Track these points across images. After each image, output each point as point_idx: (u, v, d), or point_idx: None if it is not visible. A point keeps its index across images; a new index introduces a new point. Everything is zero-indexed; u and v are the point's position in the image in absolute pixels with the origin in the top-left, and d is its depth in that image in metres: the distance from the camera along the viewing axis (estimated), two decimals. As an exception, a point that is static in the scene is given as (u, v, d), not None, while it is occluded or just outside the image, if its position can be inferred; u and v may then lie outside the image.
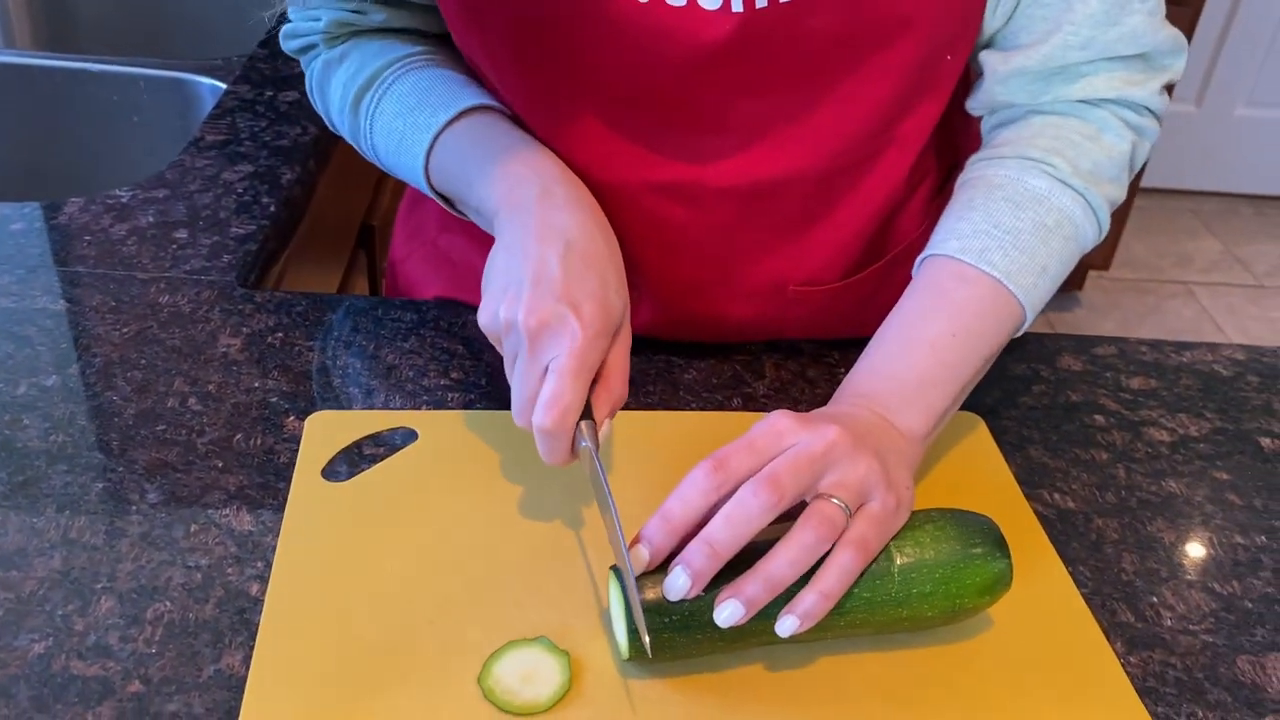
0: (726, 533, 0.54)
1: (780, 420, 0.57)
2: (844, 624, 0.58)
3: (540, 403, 0.59)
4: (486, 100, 0.72)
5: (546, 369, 0.60)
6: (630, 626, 0.55)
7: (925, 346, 0.65)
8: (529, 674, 0.57)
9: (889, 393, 0.64)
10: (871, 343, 0.68)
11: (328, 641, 0.58)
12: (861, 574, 0.56)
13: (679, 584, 0.53)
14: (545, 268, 0.62)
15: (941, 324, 0.66)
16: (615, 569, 0.58)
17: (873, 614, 0.58)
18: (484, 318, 0.63)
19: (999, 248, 0.67)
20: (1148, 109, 0.72)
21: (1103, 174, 0.70)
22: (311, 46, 0.79)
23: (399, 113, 0.73)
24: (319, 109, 0.82)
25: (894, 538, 0.58)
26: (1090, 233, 0.70)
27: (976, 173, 0.71)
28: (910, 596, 0.58)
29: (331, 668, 0.57)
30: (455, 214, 0.76)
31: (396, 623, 0.59)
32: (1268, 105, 3.04)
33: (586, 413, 0.61)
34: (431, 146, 0.71)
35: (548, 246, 0.63)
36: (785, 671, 0.59)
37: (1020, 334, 0.70)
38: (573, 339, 0.59)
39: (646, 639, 0.54)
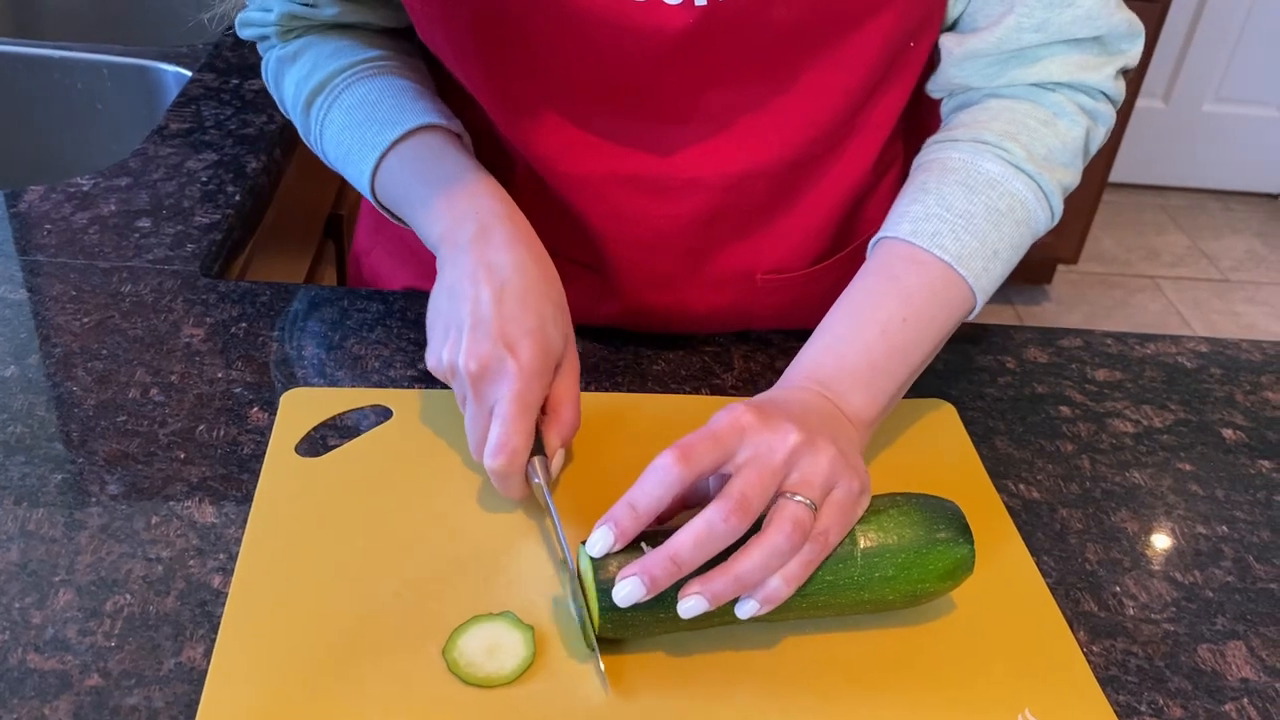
0: (693, 553, 0.54)
1: (741, 415, 0.57)
2: (806, 605, 0.58)
3: (489, 448, 0.61)
4: (433, 118, 0.71)
5: (493, 411, 0.62)
6: (600, 604, 0.55)
7: (876, 330, 0.65)
8: (493, 647, 0.57)
9: (839, 377, 0.64)
10: (822, 324, 0.67)
11: (294, 614, 0.58)
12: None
13: (634, 592, 0.53)
14: (481, 309, 0.63)
15: (893, 308, 0.66)
16: (582, 545, 0.58)
17: (835, 596, 0.58)
18: (430, 362, 0.65)
19: (951, 231, 0.67)
20: (1103, 94, 0.72)
21: (1056, 159, 0.70)
22: (266, 37, 0.78)
23: (346, 125, 0.72)
24: (275, 98, 0.81)
25: (859, 521, 0.58)
26: (1042, 218, 0.71)
27: (932, 155, 0.71)
28: (873, 580, 0.58)
29: (297, 640, 0.57)
30: (406, 227, 0.75)
31: (363, 597, 0.60)
32: (1235, 101, 3.07)
33: (540, 448, 0.63)
34: (376, 168, 0.71)
35: (483, 288, 0.64)
36: (747, 651, 0.59)
37: (971, 318, 0.70)
38: (511, 381, 0.61)
39: (598, 660, 0.56)
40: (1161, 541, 0.70)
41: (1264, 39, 2.96)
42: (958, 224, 0.67)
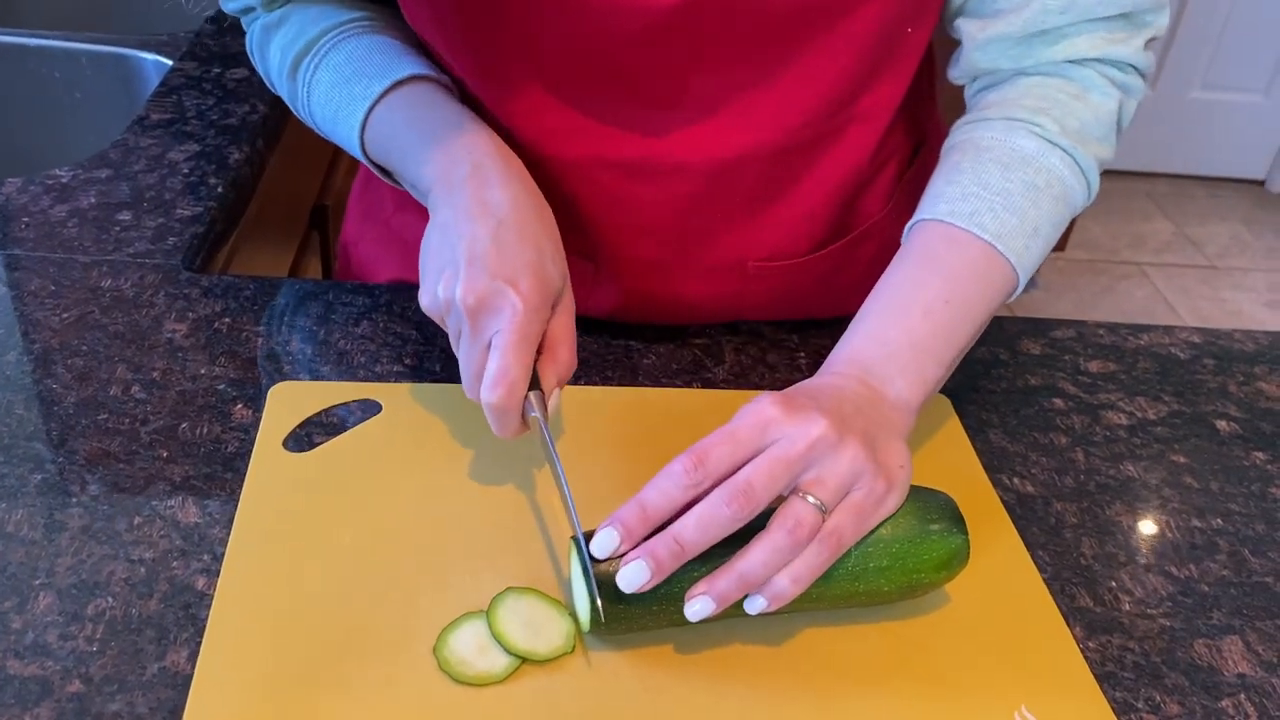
0: (696, 534, 0.53)
1: (766, 409, 0.56)
2: (801, 598, 0.57)
3: (487, 379, 0.59)
4: (422, 69, 0.71)
5: (490, 345, 0.60)
6: (589, 598, 0.55)
7: (918, 312, 0.64)
8: (484, 645, 0.56)
9: (881, 360, 0.62)
10: (863, 309, 0.66)
11: (281, 615, 0.57)
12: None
13: (638, 575, 0.53)
14: (478, 245, 0.62)
15: (935, 289, 0.65)
16: (575, 539, 0.57)
17: (829, 587, 0.57)
18: (424, 299, 0.64)
19: (989, 210, 0.66)
20: (1132, 66, 0.71)
21: (1090, 133, 0.70)
22: (251, 8, 0.77)
23: (335, 83, 0.72)
24: (259, 71, 0.80)
25: None
26: (1080, 193, 0.70)
27: (963, 136, 0.70)
28: (866, 571, 0.57)
29: (285, 642, 0.56)
30: (394, 185, 0.75)
31: (352, 596, 0.59)
32: (1222, 88, 3.07)
33: (535, 384, 0.61)
34: (366, 119, 0.70)
35: (480, 224, 0.62)
36: (742, 646, 0.59)
37: (1014, 298, 0.69)
38: (512, 313, 0.60)
39: (599, 603, 0.54)
40: (1156, 535, 0.69)
41: (1250, 26, 2.96)
42: (995, 202, 0.66)
